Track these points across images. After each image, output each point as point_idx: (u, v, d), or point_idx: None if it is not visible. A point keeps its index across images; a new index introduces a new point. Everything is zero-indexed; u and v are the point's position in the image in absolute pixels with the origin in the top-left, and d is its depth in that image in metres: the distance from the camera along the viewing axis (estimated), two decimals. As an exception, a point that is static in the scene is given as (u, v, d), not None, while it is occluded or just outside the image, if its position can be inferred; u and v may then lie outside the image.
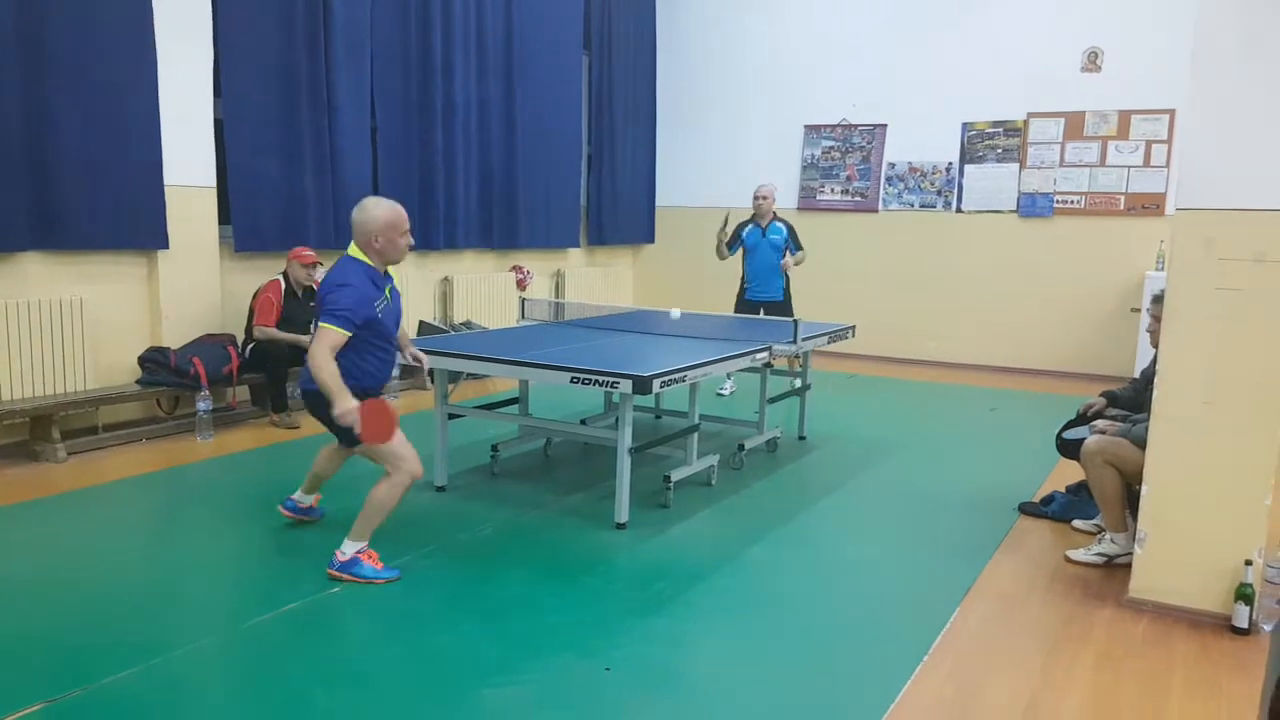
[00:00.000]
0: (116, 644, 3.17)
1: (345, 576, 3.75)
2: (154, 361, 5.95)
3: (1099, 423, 4.38)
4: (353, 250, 3.74)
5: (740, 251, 7.56)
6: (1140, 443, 3.87)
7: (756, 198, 7.45)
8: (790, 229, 7.49)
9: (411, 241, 3.81)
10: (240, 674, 3.08)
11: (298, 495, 4.39)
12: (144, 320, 6.19)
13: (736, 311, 7.51)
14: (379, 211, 3.70)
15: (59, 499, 4.77)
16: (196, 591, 3.72)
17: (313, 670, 3.05)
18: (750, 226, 7.51)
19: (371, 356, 3.79)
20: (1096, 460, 4.01)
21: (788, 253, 7.41)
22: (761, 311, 7.43)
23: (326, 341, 3.55)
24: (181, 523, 4.51)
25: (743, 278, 7.62)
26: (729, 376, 7.56)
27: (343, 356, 3.62)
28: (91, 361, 5.79)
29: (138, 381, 5.96)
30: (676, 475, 4.81)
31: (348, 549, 3.79)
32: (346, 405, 3.51)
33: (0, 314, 5.37)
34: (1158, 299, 4.14)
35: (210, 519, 4.52)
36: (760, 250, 7.45)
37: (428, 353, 4.85)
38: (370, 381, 3.80)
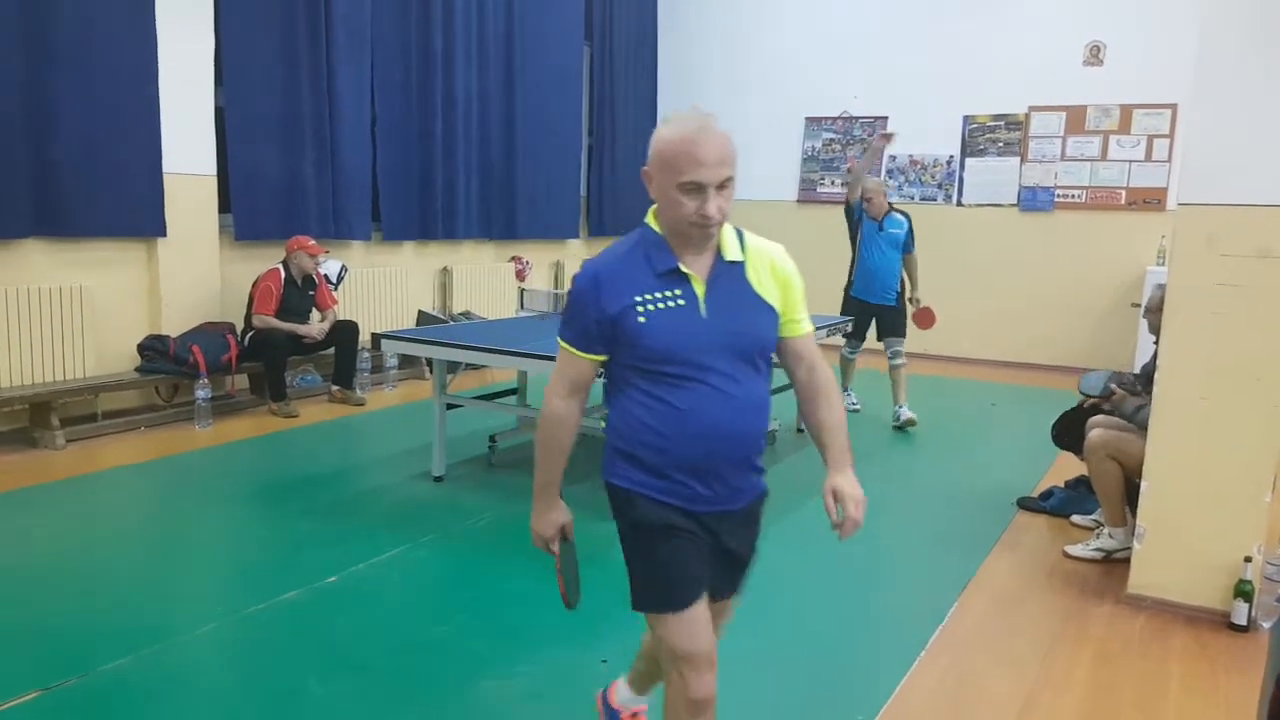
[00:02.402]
0: (113, 631, 3.17)
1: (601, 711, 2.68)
2: (153, 349, 5.94)
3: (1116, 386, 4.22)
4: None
5: (857, 238, 6.55)
6: (1142, 426, 3.85)
7: (863, 199, 6.40)
8: (910, 222, 6.54)
9: (705, 208, 1.89)
10: (236, 663, 3.08)
11: (624, 698, 2.65)
12: (144, 308, 6.18)
13: (843, 312, 6.66)
14: (656, 133, 1.96)
15: (58, 485, 4.76)
16: (194, 580, 3.71)
17: (308, 660, 3.05)
18: (864, 221, 6.49)
19: (644, 400, 2.01)
20: (1099, 454, 4.00)
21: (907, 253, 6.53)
22: (873, 320, 6.57)
23: (557, 371, 2.10)
24: (179, 511, 4.50)
25: (851, 272, 6.68)
26: (848, 390, 6.80)
27: (611, 402, 2.13)
28: (91, 349, 5.78)
29: (137, 369, 5.95)
30: (675, 467, 4.79)
31: (623, 696, 2.62)
32: (539, 519, 2.25)
33: (1, 300, 5.36)
34: (1161, 285, 4.13)
35: (208, 507, 4.52)
36: (874, 249, 6.46)
37: (425, 343, 4.86)
38: (649, 450, 2.02)
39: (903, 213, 6.63)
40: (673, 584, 2.01)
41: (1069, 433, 4.43)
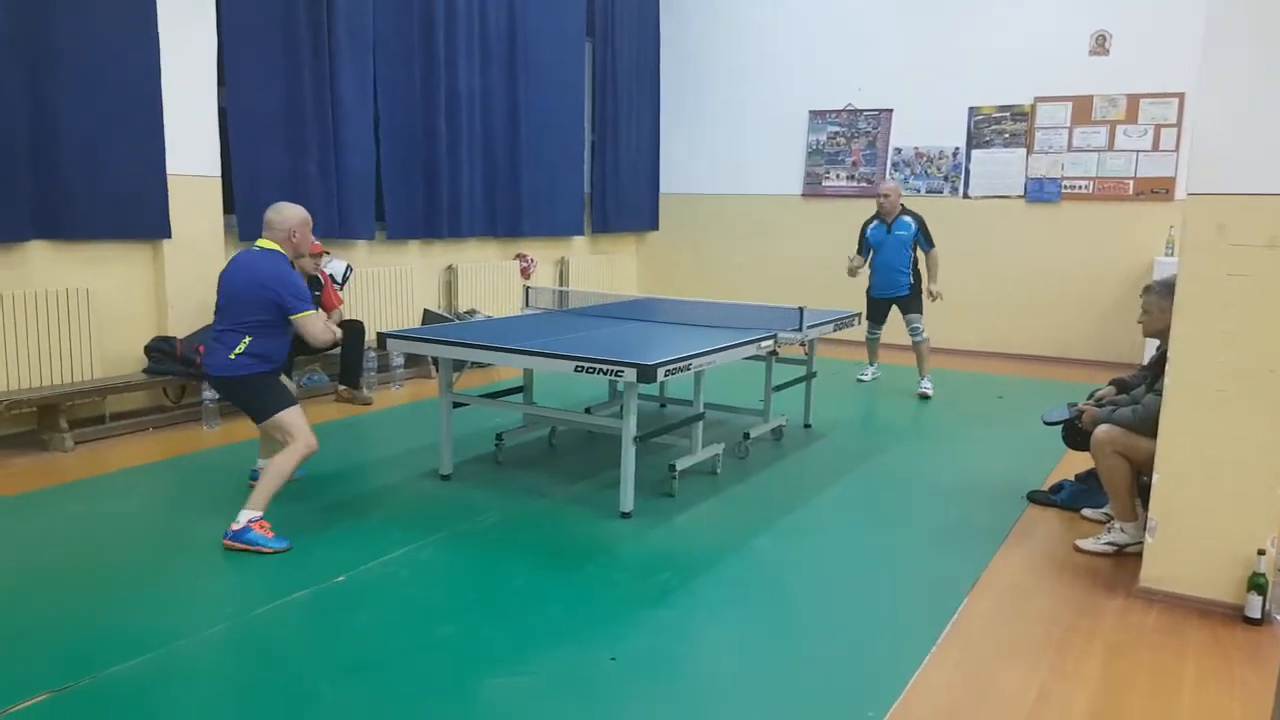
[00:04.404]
0: (123, 633, 3.17)
1: (239, 545, 3.90)
2: (160, 351, 5.94)
3: (1082, 404, 4.39)
4: None
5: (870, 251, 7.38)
6: (1125, 425, 3.90)
7: (879, 196, 7.28)
8: (920, 223, 7.24)
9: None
10: (246, 663, 3.07)
11: (261, 464, 4.55)
12: (150, 309, 6.18)
13: (867, 308, 7.37)
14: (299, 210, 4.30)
15: (66, 488, 4.77)
16: (202, 580, 3.71)
17: (318, 660, 3.05)
18: (875, 223, 7.31)
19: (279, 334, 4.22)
20: (1106, 450, 3.98)
21: (917, 248, 7.23)
22: (890, 309, 7.35)
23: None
24: (188, 511, 4.49)
25: (870, 274, 7.45)
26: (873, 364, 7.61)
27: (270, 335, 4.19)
28: (98, 351, 5.79)
29: (144, 371, 5.95)
30: (681, 464, 4.79)
31: (241, 518, 3.93)
32: None
33: (7, 304, 5.36)
34: (1148, 289, 4.15)
35: (216, 507, 4.50)
36: (886, 246, 7.25)
37: (431, 342, 4.86)
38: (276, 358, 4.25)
39: (913, 214, 7.25)
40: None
41: (1077, 432, 4.41)
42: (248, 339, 4.04)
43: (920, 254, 7.34)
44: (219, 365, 4.09)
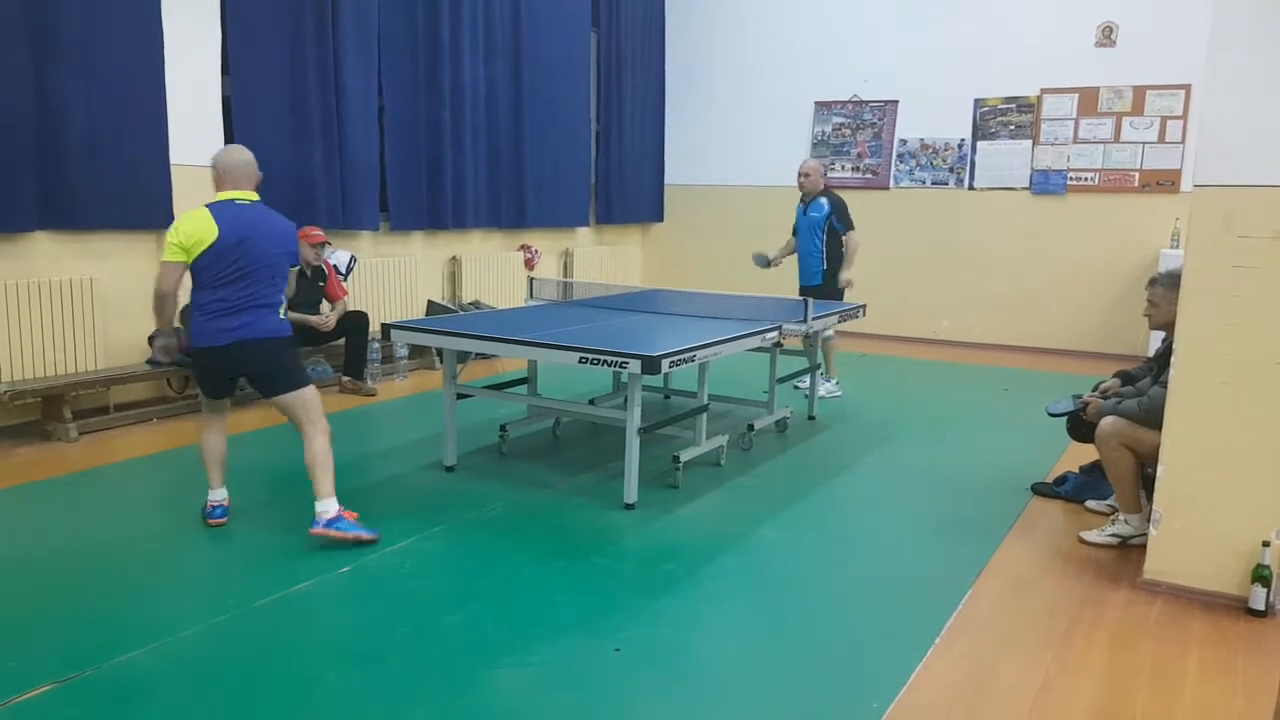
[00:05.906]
0: (127, 624, 3.18)
1: (334, 534, 3.83)
2: (163, 342, 5.95)
3: (1086, 396, 4.39)
4: None
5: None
6: (1130, 417, 3.90)
7: (798, 175, 6.84)
8: (835, 204, 6.71)
9: None
10: (250, 654, 3.08)
11: (217, 497, 4.14)
12: (153, 300, 6.17)
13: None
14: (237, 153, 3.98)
15: (71, 478, 4.79)
16: (206, 571, 3.72)
17: (322, 650, 3.06)
18: (798, 204, 6.96)
19: None
20: (1110, 442, 3.98)
21: (839, 234, 6.69)
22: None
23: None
24: (191, 502, 4.49)
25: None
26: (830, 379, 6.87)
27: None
28: (101, 341, 5.80)
29: (148, 361, 5.96)
30: (685, 455, 4.79)
31: (330, 507, 3.85)
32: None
33: (11, 294, 5.37)
34: (1153, 281, 4.14)
35: (220, 499, 4.53)
36: (801, 229, 6.86)
37: (435, 333, 4.85)
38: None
39: (830, 196, 6.80)
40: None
41: (1081, 424, 4.41)
42: (284, 300, 4.03)
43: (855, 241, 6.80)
44: (273, 326, 3.93)
